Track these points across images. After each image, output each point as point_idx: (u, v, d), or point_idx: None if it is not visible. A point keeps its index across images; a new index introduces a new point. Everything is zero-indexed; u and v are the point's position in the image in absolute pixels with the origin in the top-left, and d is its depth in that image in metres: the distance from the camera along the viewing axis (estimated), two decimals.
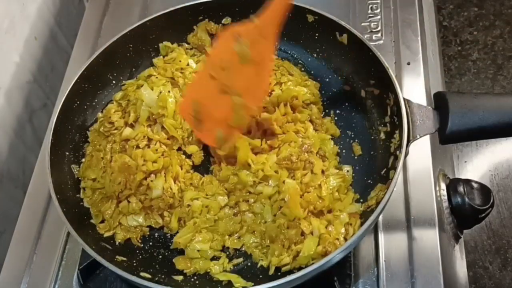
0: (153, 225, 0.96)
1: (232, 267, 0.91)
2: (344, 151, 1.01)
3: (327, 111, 1.07)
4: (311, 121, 1.03)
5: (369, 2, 1.26)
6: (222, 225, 0.94)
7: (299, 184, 0.92)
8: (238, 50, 0.79)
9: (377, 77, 0.99)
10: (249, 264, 0.91)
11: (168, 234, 0.96)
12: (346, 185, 0.95)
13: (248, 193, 0.95)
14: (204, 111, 0.81)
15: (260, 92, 0.77)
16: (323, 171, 0.95)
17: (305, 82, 1.08)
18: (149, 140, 1.00)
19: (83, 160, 1.01)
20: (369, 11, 1.25)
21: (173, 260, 0.91)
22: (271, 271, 0.87)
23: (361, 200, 0.93)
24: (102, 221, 0.95)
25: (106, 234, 0.93)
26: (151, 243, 0.95)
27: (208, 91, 0.80)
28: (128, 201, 0.95)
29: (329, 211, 0.91)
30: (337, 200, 0.92)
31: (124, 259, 0.89)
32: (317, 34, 1.08)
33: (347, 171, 0.97)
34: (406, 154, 0.86)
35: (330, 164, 0.97)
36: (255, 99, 0.75)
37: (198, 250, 0.92)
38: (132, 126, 1.02)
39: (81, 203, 0.96)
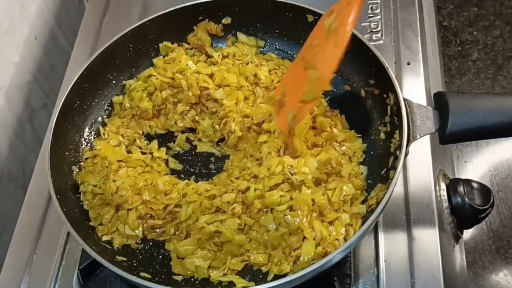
0: (153, 238, 0.94)
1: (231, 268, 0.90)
2: None
3: None
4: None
5: (369, 2, 1.26)
6: (229, 247, 0.89)
7: (322, 190, 0.87)
8: (326, 23, 0.85)
9: (377, 77, 0.98)
10: (249, 264, 0.91)
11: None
12: (361, 189, 0.92)
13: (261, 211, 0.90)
14: (287, 92, 0.87)
15: (333, 62, 0.80)
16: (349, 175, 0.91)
17: None
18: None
19: (83, 164, 1.01)
20: (369, 11, 1.25)
21: (171, 264, 0.90)
22: (270, 277, 0.85)
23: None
24: (101, 224, 0.94)
25: (104, 238, 0.92)
26: (151, 243, 0.94)
27: (294, 73, 0.88)
28: (128, 210, 0.94)
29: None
30: (345, 203, 0.90)
31: (124, 259, 0.89)
32: None
33: (361, 173, 0.94)
34: (406, 154, 0.86)
35: (355, 165, 0.93)
36: (328, 69, 0.80)
37: (196, 266, 0.88)
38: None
39: (81, 203, 0.96)
